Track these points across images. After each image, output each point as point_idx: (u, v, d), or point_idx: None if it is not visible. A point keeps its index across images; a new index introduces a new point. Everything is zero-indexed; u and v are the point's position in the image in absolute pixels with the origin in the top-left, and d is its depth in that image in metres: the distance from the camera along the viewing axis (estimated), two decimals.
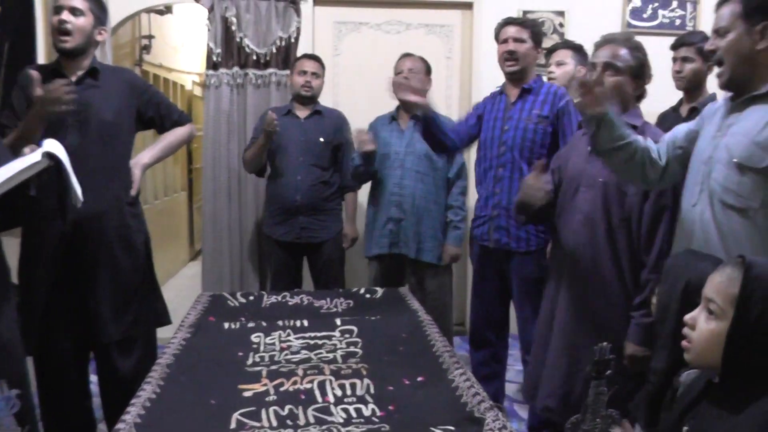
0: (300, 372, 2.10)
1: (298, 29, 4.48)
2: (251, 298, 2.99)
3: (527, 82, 3.22)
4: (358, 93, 4.69)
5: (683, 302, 1.76)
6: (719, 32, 2.05)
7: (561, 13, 4.68)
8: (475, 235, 3.36)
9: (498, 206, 3.21)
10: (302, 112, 3.93)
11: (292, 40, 4.46)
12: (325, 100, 4.22)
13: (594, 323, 2.47)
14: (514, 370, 3.89)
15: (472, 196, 3.71)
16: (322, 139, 3.87)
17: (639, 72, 2.49)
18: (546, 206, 2.68)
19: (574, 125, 2.94)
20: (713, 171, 2.03)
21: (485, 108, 3.36)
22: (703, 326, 1.46)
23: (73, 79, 2.72)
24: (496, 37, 3.30)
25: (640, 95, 2.55)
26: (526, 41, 3.20)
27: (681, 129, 2.31)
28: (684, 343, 1.51)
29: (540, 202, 2.64)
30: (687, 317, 1.51)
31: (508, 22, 3.28)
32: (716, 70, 2.10)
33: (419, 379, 2.08)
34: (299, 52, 4.40)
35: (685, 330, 1.51)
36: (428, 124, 3.09)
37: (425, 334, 2.50)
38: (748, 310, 1.38)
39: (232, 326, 2.57)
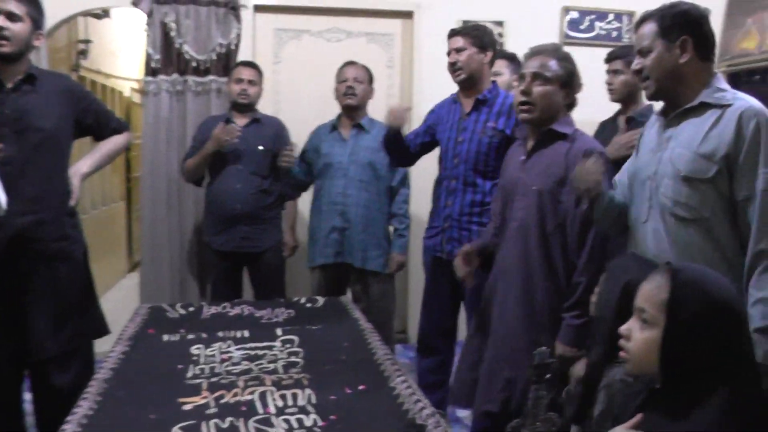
0: (241, 383, 2.08)
1: (239, 36, 4.44)
2: (191, 309, 2.95)
3: (481, 92, 3.23)
4: (299, 101, 4.69)
5: (621, 302, 1.80)
6: (642, 52, 2.15)
7: (500, 23, 4.75)
8: (428, 246, 3.38)
9: (449, 218, 3.23)
10: (241, 120, 3.90)
11: (233, 47, 4.42)
12: (265, 108, 4.20)
13: (531, 328, 2.51)
14: None
15: (420, 205, 3.75)
16: (261, 147, 3.84)
17: (568, 81, 2.53)
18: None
19: None
20: (660, 186, 2.10)
21: (439, 117, 3.38)
22: (638, 336, 1.49)
23: (10, 85, 2.65)
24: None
25: (571, 104, 2.59)
26: (467, 48, 3.22)
27: (624, 169, 2.40)
28: (622, 354, 1.54)
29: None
30: (622, 329, 1.54)
31: (451, 33, 3.32)
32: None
33: (361, 387, 2.09)
34: (240, 60, 4.37)
35: (622, 342, 1.53)
36: (398, 138, 3.19)
37: (367, 343, 2.52)
38: (678, 315, 1.41)
39: (172, 338, 2.54)
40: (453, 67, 3.25)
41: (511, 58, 3.81)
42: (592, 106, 3.67)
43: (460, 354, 2.86)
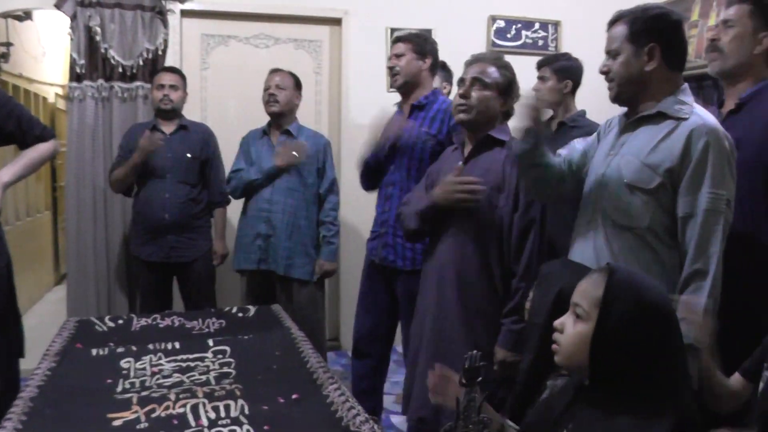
0: (172, 396, 2.05)
1: (165, 41, 4.39)
2: (120, 321, 2.89)
3: (417, 98, 3.25)
4: (227, 107, 4.67)
5: (554, 308, 1.84)
6: (611, 53, 2.13)
7: (428, 32, 4.79)
8: (367, 249, 3.39)
9: (386, 224, 3.23)
10: (167, 128, 3.86)
11: (160, 53, 4.37)
12: (193, 114, 4.17)
13: (467, 333, 2.53)
14: (390, 381, 3.92)
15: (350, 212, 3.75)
16: (189, 155, 3.81)
17: (506, 89, 2.57)
18: (431, 221, 2.74)
19: None
20: (605, 190, 2.12)
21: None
22: (570, 329, 1.51)
23: None
24: None
25: (507, 112, 2.63)
26: (405, 54, 3.23)
27: (577, 148, 2.39)
28: (554, 346, 1.56)
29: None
30: (556, 322, 1.57)
31: (394, 40, 3.35)
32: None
33: (294, 396, 2.08)
34: (167, 65, 4.32)
35: (555, 335, 1.56)
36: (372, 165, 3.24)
37: (299, 351, 2.50)
38: (610, 312, 1.45)
39: (101, 352, 2.48)
40: (391, 72, 3.28)
41: (442, 66, 3.86)
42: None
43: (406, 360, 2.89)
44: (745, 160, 2.19)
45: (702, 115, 2.06)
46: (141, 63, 4.32)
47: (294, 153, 3.61)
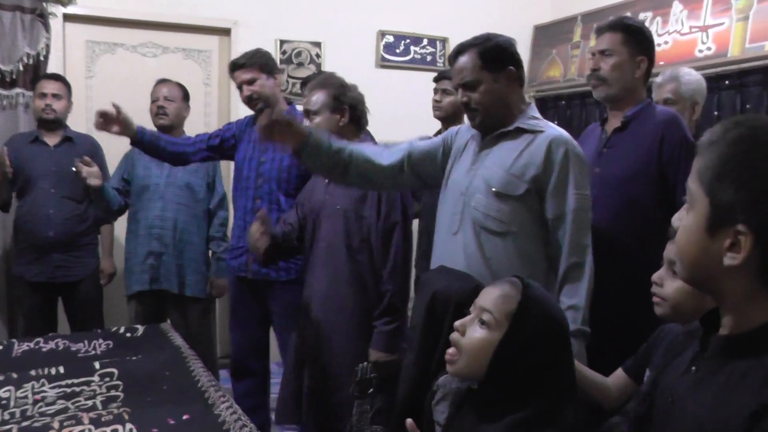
0: (56, 425, 1.97)
1: (48, 46, 4.25)
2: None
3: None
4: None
5: (428, 312, 1.93)
6: (467, 86, 2.24)
7: (318, 44, 4.86)
8: (232, 266, 3.35)
9: None
10: (51, 139, 3.72)
11: (41, 58, 4.22)
12: (78, 125, 4.04)
13: (346, 341, 2.61)
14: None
15: None
16: (74, 169, 3.66)
17: (336, 106, 2.68)
18: (287, 242, 2.80)
19: None
20: (473, 201, 2.22)
21: (234, 131, 3.38)
22: (474, 334, 1.54)
23: None
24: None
25: (357, 121, 2.73)
26: (258, 78, 3.23)
27: (418, 146, 2.47)
28: (450, 351, 1.59)
29: (264, 246, 2.77)
30: (457, 323, 1.59)
31: (234, 68, 3.28)
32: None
33: (185, 417, 2.05)
34: (49, 72, 4.17)
35: (454, 335, 1.58)
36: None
37: (189, 370, 2.47)
38: (521, 327, 1.49)
39: None
40: (250, 100, 3.25)
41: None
42: (409, 126, 3.85)
43: (283, 374, 2.91)
44: (632, 172, 2.46)
45: (555, 128, 2.26)
46: (21, 69, 4.16)
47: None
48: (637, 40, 2.55)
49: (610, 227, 2.47)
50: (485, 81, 2.22)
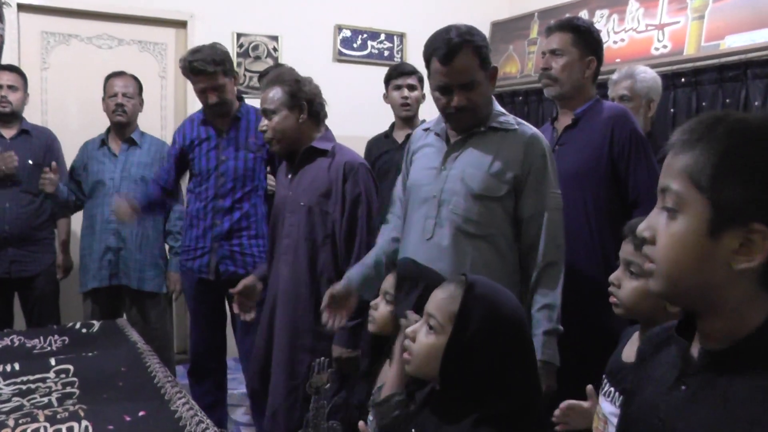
0: (11, 422, 1.97)
1: (2, 37, 4.12)
2: None
3: (234, 112, 3.25)
4: (68, 110, 4.50)
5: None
6: (466, 87, 2.16)
7: (275, 38, 4.84)
8: (191, 267, 3.32)
9: (219, 237, 3.22)
10: (7, 132, 3.66)
11: None
12: (32, 117, 3.99)
13: (309, 339, 2.62)
14: (239, 393, 3.93)
15: None
16: (31, 162, 3.64)
17: (293, 103, 2.66)
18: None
19: None
20: (449, 204, 2.19)
21: (187, 140, 3.32)
22: (422, 340, 1.53)
23: None
24: (186, 76, 3.30)
25: (315, 116, 2.71)
26: (224, 83, 3.18)
27: (399, 187, 2.50)
28: (405, 355, 1.59)
29: None
30: (408, 330, 1.59)
31: (196, 71, 3.16)
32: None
33: (141, 414, 2.05)
34: (4, 63, 4.10)
35: (406, 342, 1.59)
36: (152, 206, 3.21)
37: (146, 366, 2.47)
38: (464, 327, 1.45)
39: None
40: (216, 106, 3.19)
41: None
42: (365, 121, 3.87)
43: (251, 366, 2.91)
44: (584, 167, 2.51)
45: (527, 125, 2.26)
46: None
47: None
48: (586, 41, 2.60)
49: (564, 222, 2.46)
50: (482, 81, 2.18)
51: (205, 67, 3.14)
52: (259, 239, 3.23)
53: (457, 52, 2.11)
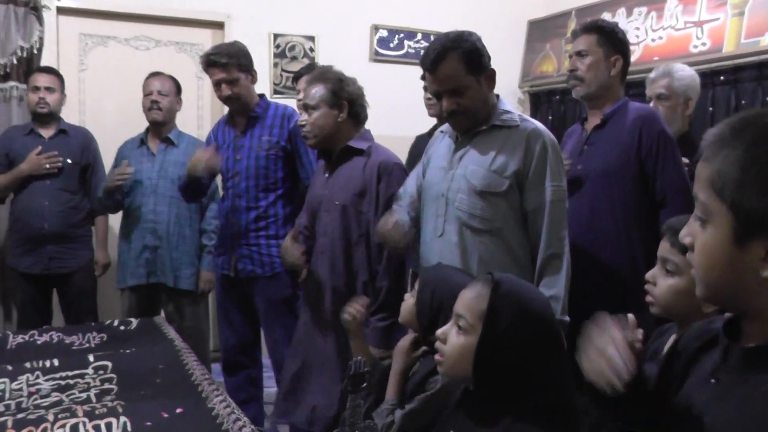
0: (50, 417, 1.98)
1: (41, 39, 4.23)
2: None
3: (252, 110, 3.26)
4: (106, 111, 4.55)
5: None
6: (455, 93, 2.24)
7: (311, 38, 4.85)
8: (216, 263, 3.37)
9: (238, 235, 3.23)
10: (46, 132, 3.73)
11: (35, 51, 4.19)
12: (71, 117, 4.05)
13: (341, 338, 2.61)
14: (273, 391, 3.92)
15: None
16: (69, 161, 3.70)
17: (334, 101, 2.66)
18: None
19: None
20: (455, 201, 2.26)
21: (218, 140, 3.35)
22: (453, 341, 1.54)
23: None
24: (205, 71, 3.31)
25: (356, 116, 2.72)
26: (239, 78, 3.20)
27: (411, 182, 2.54)
28: (437, 357, 1.60)
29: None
30: (439, 332, 1.59)
31: (211, 63, 3.21)
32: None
33: (178, 410, 2.05)
34: (43, 65, 4.16)
35: (437, 344, 1.59)
36: (199, 182, 3.19)
37: (183, 363, 2.48)
38: (494, 326, 1.47)
39: None
40: (228, 99, 3.22)
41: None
42: (403, 121, 3.84)
43: (284, 369, 2.91)
44: (613, 167, 2.55)
45: (530, 120, 2.31)
46: (15, 62, 4.14)
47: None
48: (611, 41, 2.65)
49: (593, 222, 2.57)
50: (471, 85, 2.24)
51: (219, 59, 3.19)
52: (279, 240, 3.19)
53: (441, 61, 2.19)
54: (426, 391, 1.96)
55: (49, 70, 3.83)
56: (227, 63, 3.18)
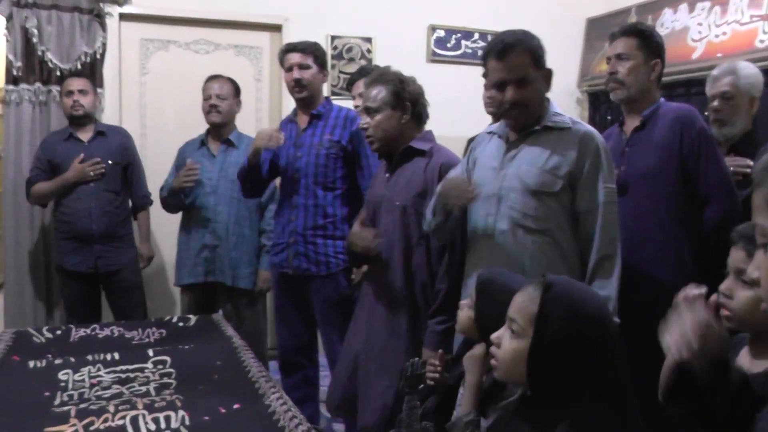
0: (111, 408, 2.02)
1: (104, 45, 4.33)
2: (58, 332, 2.85)
3: (316, 107, 3.27)
4: (166, 114, 4.63)
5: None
6: (520, 83, 2.23)
7: (368, 40, 4.85)
8: (274, 262, 3.37)
9: (294, 233, 3.23)
10: (84, 135, 3.80)
11: (98, 56, 4.30)
12: (132, 121, 4.17)
13: (405, 340, 2.59)
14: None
15: None
16: (110, 161, 3.76)
17: (396, 102, 2.65)
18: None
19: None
20: (507, 200, 2.25)
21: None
22: (507, 345, 1.53)
23: None
24: (281, 63, 3.34)
25: (418, 117, 2.70)
26: (311, 66, 3.26)
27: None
28: (492, 361, 1.59)
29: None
30: (493, 336, 1.58)
31: (290, 48, 3.31)
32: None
33: (236, 406, 2.07)
34: (106, 70, 4.27)
35: (492, 349, 1.58)
36: (257, 166, 3.21)
37: (240, 360, 2.50)
38: (545, 329, 1.45)
39: (38, 364, 2.43)
40: (298, 83, 3.25)
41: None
42: (461, 121, 3.80)
43: (336, 366, 2.91)
44: (655, 167, 2.56)
45: (582, 123, 2.33)
46: (79, 67, 4.23)
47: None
48: (650, 45, 2.67)
49: (637, 222, 2.55)
50: (534, 79, 2.26)
51: (298, 45, 3.31)
52: (337, 241, 3.21)
53: (512, 50, 2.22)
54: (505, 399, 1.92)
55: (80, 74, 3.93)
56: (305, 48, 3.27)
